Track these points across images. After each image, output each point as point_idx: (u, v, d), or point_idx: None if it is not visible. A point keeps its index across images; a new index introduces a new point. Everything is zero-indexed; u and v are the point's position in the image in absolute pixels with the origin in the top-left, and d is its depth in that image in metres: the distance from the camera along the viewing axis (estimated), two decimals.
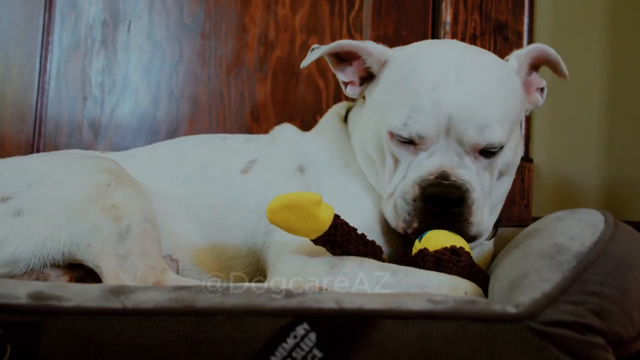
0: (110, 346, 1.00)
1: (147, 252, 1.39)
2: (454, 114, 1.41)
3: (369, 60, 1.56)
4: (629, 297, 1.07)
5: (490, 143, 1.43)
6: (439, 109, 1.42)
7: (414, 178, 1.43)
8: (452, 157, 1.44)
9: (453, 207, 1.41)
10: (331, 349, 0.99)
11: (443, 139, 1.44)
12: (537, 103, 1.61)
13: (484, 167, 1.47)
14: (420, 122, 1.43)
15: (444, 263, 1.34)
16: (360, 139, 1.60)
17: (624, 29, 2.31)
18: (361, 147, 1.59)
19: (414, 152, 1.46)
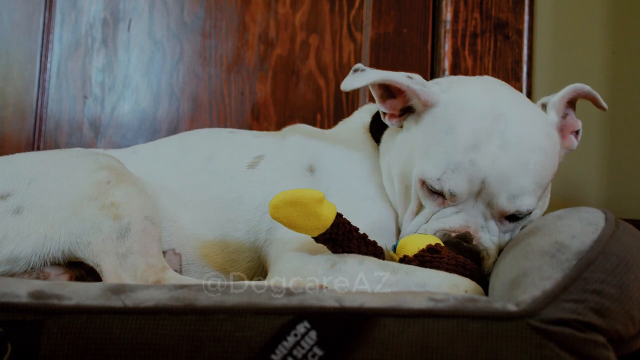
0: (110, 345, 1.00)
1: (147, 251, 1.39)
2: (488, 178, 1.41)
3: (414, 101, 1.51)
4: (629, 296, 1.07)
5: (518, 211, 1.43)
6: (475, 171, 1.41)
7: (436, 228, 1.44)
8: (478, 218, 1.44)
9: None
10: (332, 348, 0.99)
11: (473, 199, 1.43)
12: (571, 147, 1.59)
13: (508, 230, 1.48)
14: (454, 181, 1.41)
15: (428, 264, 1.34)
16: (389, 163, 1.57)
17: (625, 27, 2.30)
18: (388, 171, 1.57)
19: (441, 204, 1.45)
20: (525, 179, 1.42)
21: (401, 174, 1.52)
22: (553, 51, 2.30)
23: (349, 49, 2.36)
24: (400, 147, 1.55)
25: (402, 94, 1.52)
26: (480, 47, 2.25)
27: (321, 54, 2.36)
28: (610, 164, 2.29)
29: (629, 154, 2.27)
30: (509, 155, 1.41)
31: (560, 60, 2.32)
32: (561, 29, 2.34)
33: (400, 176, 1.52)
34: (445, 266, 1.33)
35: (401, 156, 1.53)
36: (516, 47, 2.23)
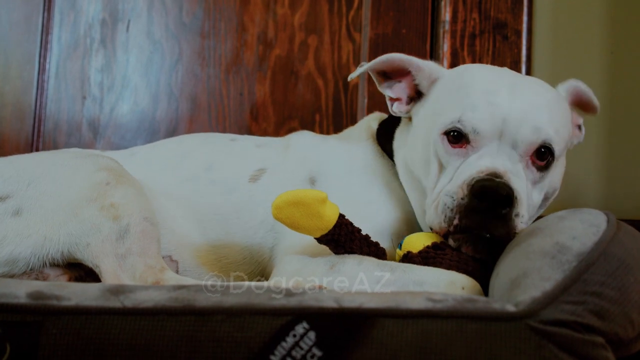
0: (109, 345, 1.00)
1: (146, 252, 1.39)
2: (508, 117, 1.40)
3: (419, 77, 1.54)
4: (628, 298, 1.07)
5: (545, 141, 1.42)
6: (495, 109, 1.41)
7: (463, 178, 1.39)
8: (504, 161, 1.41)
9: (501, 206, 1.35)
10: (330, 348, 0.99)
11: (496, 142, 1.41)
12: (578, 138, 1.61)
13: (534, 182, 1.45)
14: (476, 118, 1.41)
15: (431, 260, 1.34)
16: (404, 157, 1.57)
17: (624, 27, 2.30)
18: (405, 166, 1.56)
19: (465, 154, 1.42)
20: (543, 115, 1.43)
21: (423, 155, 1.50)
22: (552, 51, 2.30)
23: (347, 50, 2.36)
24: (414, 132, 1.55)
25: (407, 76, 1.55)
26: (479, 47, 2.25)
27: (320, 55, 2.36)
28: (609, 163, 2.29)
29: (628, 154, 2.27)
30: (523, 100, 1.43)
31: (559, 61, 2.32)
32: (560, 29, 2.34)
33: (422, 160, 1.50)
34: (447, 262, 1.34)
35: (419, 138, 1.52)
36: (515, 48, 2.23)
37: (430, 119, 1.50)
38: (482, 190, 1.35)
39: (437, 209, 1.41)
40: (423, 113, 1.54)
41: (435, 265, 1.34)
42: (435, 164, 1.46)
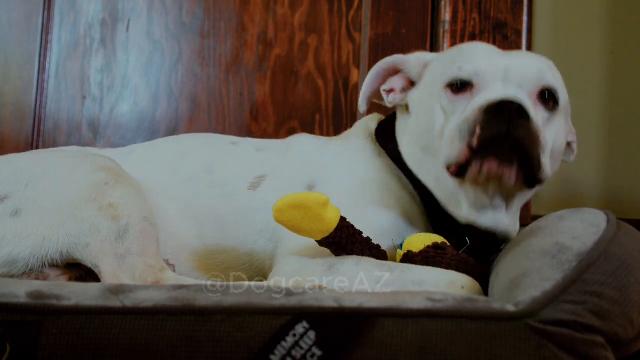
0: (109, 345, 1.00)
1: (145, 251, 1.38)
2: (510, 65, 1.43)
3: (408, 69, 1.58)
4: (629, 298, 1.07)
5: (548, 83, 1.44)
6: (495, 60, 1.45)
7: (473, 107, 1.38)
8: (515, 92, 1.40)
9: (519, 116, 1.33)
10: (330, 348, 0.99)
11: (500, 83, 1.42)
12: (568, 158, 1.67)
13: (544, 122, 1.43)
14: (476, 63, 1.44)
15: (432, 259, 1.34)
16: (409, 141, 1.55)
17: (623, 27, 2.31)
18: (411, 150, 1.55)
19: (470, 98, 1.43)
20: (546, 66, 1.47)
21: (426, 119, 1.50)
22: (552, 51, 2.30)
23: (347, 50, 2.36)
24: (415, 110, 1.56)
25: (399, 72, 1.60)
26: None
27: (320, 55, 2.36)
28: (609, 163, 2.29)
29: (628, 154, 2.27)
30: (523, 56, 1.50)
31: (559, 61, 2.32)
32: (560, 29, 2.34)
33: (428, 131, 1.49)
34: (447, 262, 1.34)
35: (420, 111, 1.54)
36: (515, 48, 2.23)
37: (429, 90, 1.52)
38: (497, 104, 1.34)
39: (452, 140, 1.39)
40: (419, 93, 1.55)
41: (435, 265, 1.34)
42: (441, 114, 1.46)
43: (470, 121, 1.36)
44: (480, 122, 1.35)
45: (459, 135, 1.38)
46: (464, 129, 1.37)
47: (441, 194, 1.50)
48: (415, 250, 1.38)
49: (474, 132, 1.35)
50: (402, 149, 1.58)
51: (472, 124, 1.36)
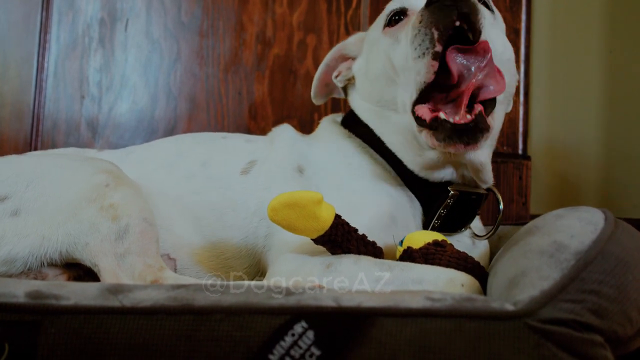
0: (108, 345, 1.00)
1: (145, 251, 1.39)
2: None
3: (348, 48, 1.71)
4: (627, 296, 1.07)
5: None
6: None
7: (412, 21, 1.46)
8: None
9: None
10: (329, 347, 0.99)
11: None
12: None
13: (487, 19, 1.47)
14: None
15: (431, 256, 1.35)
16: (366, 106, 1.65)
17: (622, 27, 2.31)
18: (371, 114, 1.64)
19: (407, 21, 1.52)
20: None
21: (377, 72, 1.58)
22: (550, 50, 2.30)
23: None
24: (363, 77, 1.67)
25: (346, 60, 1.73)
26: None
27: (318, 54, 2.36)
28: (607, 162, 2.29)
29: (626, 153, 2.27)
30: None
31: (558, 60, 2.33)
32: (558, 28, 2.34)
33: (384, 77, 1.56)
34: (447, 259, 1.34)
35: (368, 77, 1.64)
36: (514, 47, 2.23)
37: (371, 47, 1.63)
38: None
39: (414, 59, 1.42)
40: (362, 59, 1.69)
41: (435, 262, 1.34)
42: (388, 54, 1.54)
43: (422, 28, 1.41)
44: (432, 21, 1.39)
45: (418, 51, 1.42)
46: (421, 40, 1.41)
47: (404, 149, 1.57)
48: (416, 247, 1.38)
49: (432, 37, 1.39)
50: (364, 117, 1.67)
51: (427, 30, 1.40)
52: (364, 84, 1.67)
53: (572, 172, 2.27)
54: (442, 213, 1.55)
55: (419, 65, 1.42)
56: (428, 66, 1.40)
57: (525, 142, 2.28)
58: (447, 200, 1.54)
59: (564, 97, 2.33)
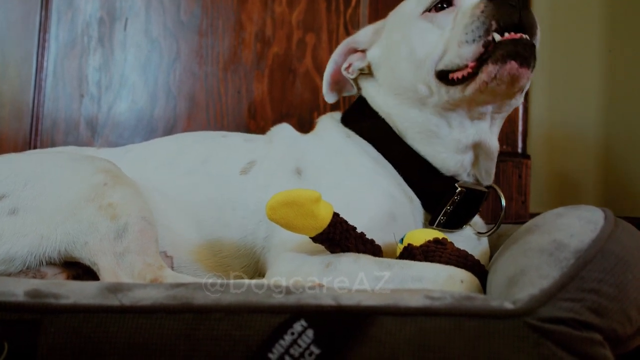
0: (107, 343, 1.00)
1: (144, 250, 1.39)
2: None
3: (358, 41, 1.70)
4: (626, 295, 1.07)
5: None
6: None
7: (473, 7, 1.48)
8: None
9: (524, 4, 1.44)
10: (329, 346, 0.99)
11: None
12: None
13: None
14: None
15: (432, 253, 1.35)
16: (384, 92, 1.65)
17: (621, 26, 2.31)
18: (388, 101, 1.63)
19: (455, 9, 1.52)
20: None
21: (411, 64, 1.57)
22: (549, 49, 2.30)
23: None
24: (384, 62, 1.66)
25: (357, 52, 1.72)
26: None
27: (318, 53, 2.36)
28: (607, 161, 2.29)
29: (626, 152, 2.28)
30: None
31: (557, 59, 2.33)
32: (557, 27, 2.34)
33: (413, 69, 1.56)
34: (447, 256, 1.34)
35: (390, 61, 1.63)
36: None
37: (396, 32, 1.62)
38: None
39: (459, 45, 1.47)
40: (382, 45, 1.67)
41: (435, 259, 1.34)
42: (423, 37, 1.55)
43: (482, 17, 1.44)
44: (494, 14, 1.42)
45: (470, 36, 1.45)
46: (476, 27, 1.44)
47: (421, 135, 1.59)
48: (416, 245, 1.38)
49: (489, 27, 1.42)
50: (380, 105, 1.66)
51: (486, 19, 1.43)
52: (383, 69, 1.66)
53: (571, 170, 2.27)
54: (448, 210, 1.57)
55: (463, 50, 1.46)
56: (473, 52, 1.45)
57: (524, 140, 2.28)
58: (454, 197, 1.56)
59: (563, 96, 2.33)
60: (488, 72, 1.44)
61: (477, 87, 1.46)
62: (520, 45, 1.42)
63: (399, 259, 1.39)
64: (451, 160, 1.57)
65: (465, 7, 1.50)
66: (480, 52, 1.44)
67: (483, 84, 1.45)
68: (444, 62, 1.51)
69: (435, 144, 1.58)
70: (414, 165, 1.60)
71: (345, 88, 1.79)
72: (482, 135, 1.56)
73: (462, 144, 1.56)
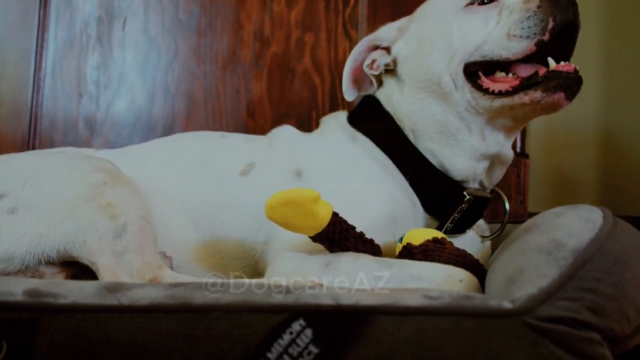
0: (106, 343, 1.00)
1: (143, 249, 1.39)
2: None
3: (381, 38, 1.68)
4: (625, 295, 1.07)
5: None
6: None
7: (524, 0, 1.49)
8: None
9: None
10: (327, 345, 0.99)
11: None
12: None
13: None
14: None
15: (431, 253, 1.35)
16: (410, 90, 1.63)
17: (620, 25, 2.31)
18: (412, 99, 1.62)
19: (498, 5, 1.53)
20: None
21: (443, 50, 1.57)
22: None
23: (344, 47, 2.36)
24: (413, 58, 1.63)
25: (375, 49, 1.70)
26: None
27: (316, 52, 2.36)
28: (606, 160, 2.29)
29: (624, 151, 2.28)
30: None
31: None
32: None
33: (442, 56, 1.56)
34: (446, 256, 1.34)
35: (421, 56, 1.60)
36: None
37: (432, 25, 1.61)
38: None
39: (509, 35, 1.48)
40: (409, 40, 1.65)
41: (434, 259, 1.34)
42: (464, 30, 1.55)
43: (539, 13, 1.46)
44: (551, 11, 1.45)
45: (525, 31, 1.46)
46: (534, 24, 1.46)
47: (439, 136, 1.58)
48: (415, 244, 1.38)
49: (546, 25, 1.45)
50: (398, 106, 1.64)
51: (543, 16, 1.45)
52: (409, 63, 1.64)
53: (570, 170, 2.27)
54: (455, 217, 1.58)
55: (513, 43, 1.47)
56: (524, 48, 1.47)
57: (523, 140, 2.28)
58: (462, 205, 1.57)
59: None
60: (532, 97, 1.46)
61: (512, 103, 1.49)
62: (573, 80, 1.46)
63: (398, 258, 1.39)
64: (464, 164, 1.58)
65: (512, 2, 1.51)
66: (530, 50, 1.46)
67: (520, 104, 1.48)
68: (481, 51, 1.51)
69: (452, 145, 1.58)
70: (422, 169, 1.60)
71: (362, 86, 1.76)
72: (501, 146, 1.58)
73: (480, 152, 1.57)
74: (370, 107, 1.70)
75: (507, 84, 1.49)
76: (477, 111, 1.54)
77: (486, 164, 1.59)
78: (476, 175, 1.59)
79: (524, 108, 1.49)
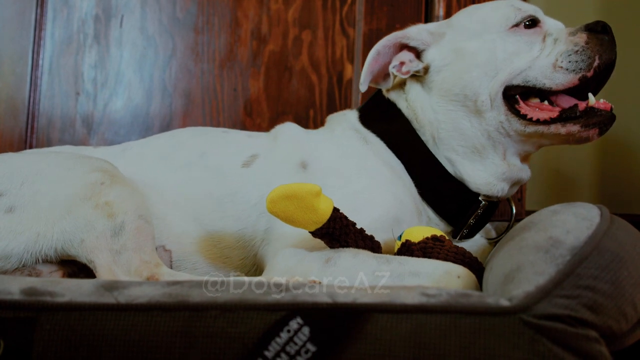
0: (103, 341, 1.00)
1: (141, 247, 1.39)
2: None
3: (412, 38, 1.66)
4: (622, 292, 1.07)
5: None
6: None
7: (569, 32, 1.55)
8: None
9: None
10: (324, 343, 0.99)
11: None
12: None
13: None
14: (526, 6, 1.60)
15: (430, 250, 1.35)
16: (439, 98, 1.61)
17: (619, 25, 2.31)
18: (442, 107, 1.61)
19: (540, 31, 1.57)
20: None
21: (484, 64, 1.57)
22: None
23: (341, 45, 2.36)
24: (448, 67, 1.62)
25: (403, 49, 1.66)
26: None
27: (314, 50, 2.36)
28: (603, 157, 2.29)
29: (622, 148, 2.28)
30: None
31: None
32: None
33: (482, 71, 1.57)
34: (445, 253, 1.35)
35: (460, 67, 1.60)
36: None
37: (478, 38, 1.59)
38: (602, 24, 1.54)
39: (555, 65, 1.52)
40: (444, 48, 1.63)
41: (433, 256, 1.35)
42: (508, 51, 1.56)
43: (587, 50, 1.52)
44: (598, 49, 1.52)
45: (572, 65, 1.52)
46: (581, 59, 1.52)
47: (464, 150, 1.59)
48: (414, 241, 1.38)
49: (592, 62, 1.51)
50: (421, 111, 1.63)
51: (591, 54, 1.52)
52: (444, 73, 1.62)
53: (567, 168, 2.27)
54: (471, 223, 1.61)
55: (558, 74, 1.51)
56: (568, 81, 1.51)
57: None
58: (478, 211, 1.60)
59: None
60: (569, 130, 1.51)
61: (546, 132, 1.52)
62: (608, 119, 1.52)
63: (397, 253, 1.40)
64: (483, 180, 1.59)
65: (555, 30, 1.56)
66: (573, 84, 1.50)
67: (554, 134, 1.52)
68: (524, 77, 1.53)
69: (475, 161, 1.59)
70: (436, 175, 1.61)
71: (379, 80, 1.72)
72: (519, 169, 1.61)
73: (500, 171, 1.59)
74: (384, 107, 1.69)
75: (546, 113, 1.52)
76: (508, 133, 1.55)
77: (505, 186, 1.61)
78: (492, 192, 1.60)
79: (555, 137, 1.53)
